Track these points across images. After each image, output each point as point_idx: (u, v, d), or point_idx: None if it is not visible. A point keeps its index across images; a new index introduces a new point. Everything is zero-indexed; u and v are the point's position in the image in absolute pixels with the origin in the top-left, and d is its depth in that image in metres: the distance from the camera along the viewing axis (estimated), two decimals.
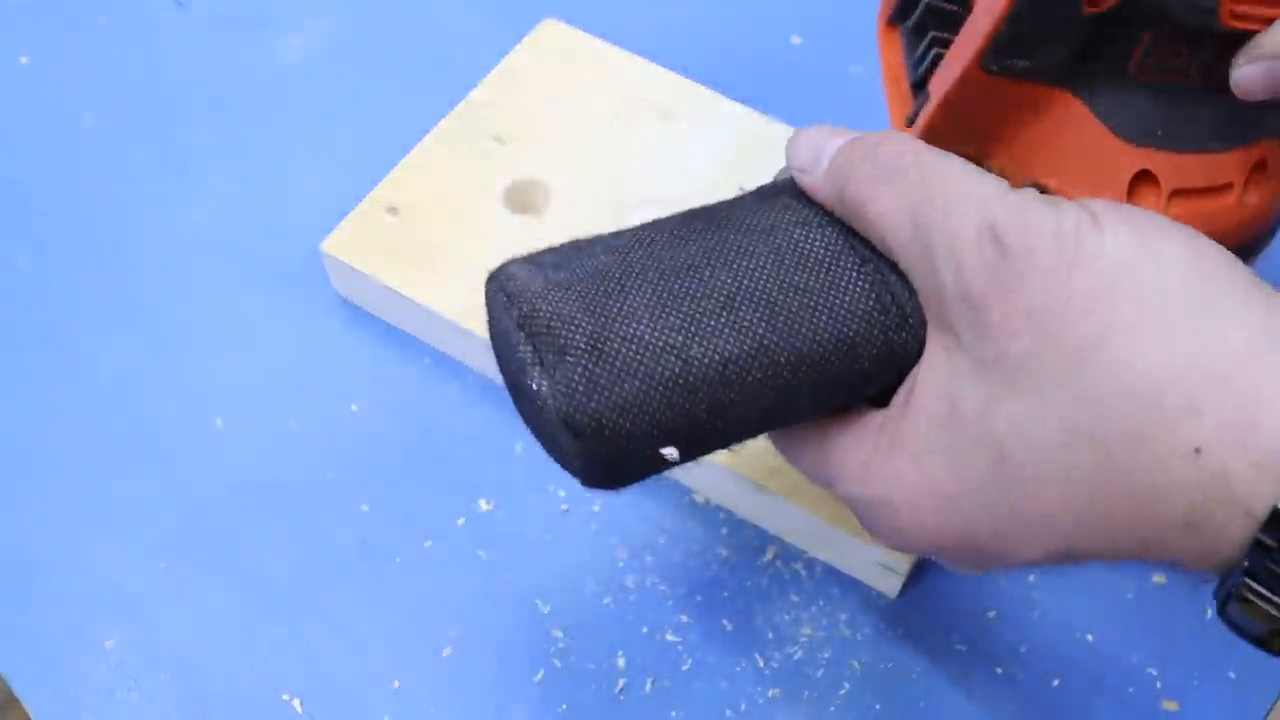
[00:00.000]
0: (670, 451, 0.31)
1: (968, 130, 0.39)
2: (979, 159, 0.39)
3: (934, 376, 0.32)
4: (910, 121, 0.40)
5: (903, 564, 0.46)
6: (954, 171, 0.32)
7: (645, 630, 0.47)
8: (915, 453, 0.32)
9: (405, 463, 0.51)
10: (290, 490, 0.50)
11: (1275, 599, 0.27)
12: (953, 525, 0.32)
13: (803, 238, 0.33)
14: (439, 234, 0.53)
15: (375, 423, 0.52)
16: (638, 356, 0.30)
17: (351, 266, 0.53)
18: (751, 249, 0.32)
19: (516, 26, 0.61)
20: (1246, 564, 0.27)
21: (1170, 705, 0.45)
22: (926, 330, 0.33)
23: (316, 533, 0.49)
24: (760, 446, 0.48)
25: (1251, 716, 0.45)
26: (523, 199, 0.55)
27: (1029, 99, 0.38)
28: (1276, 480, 0.26)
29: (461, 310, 0.51)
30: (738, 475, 0.47)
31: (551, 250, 0.34)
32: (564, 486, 0.50)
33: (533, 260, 0.33)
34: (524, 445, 0.51)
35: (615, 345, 0.30)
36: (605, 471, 0.32)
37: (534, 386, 0.31)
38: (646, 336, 0.30)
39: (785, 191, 0.35)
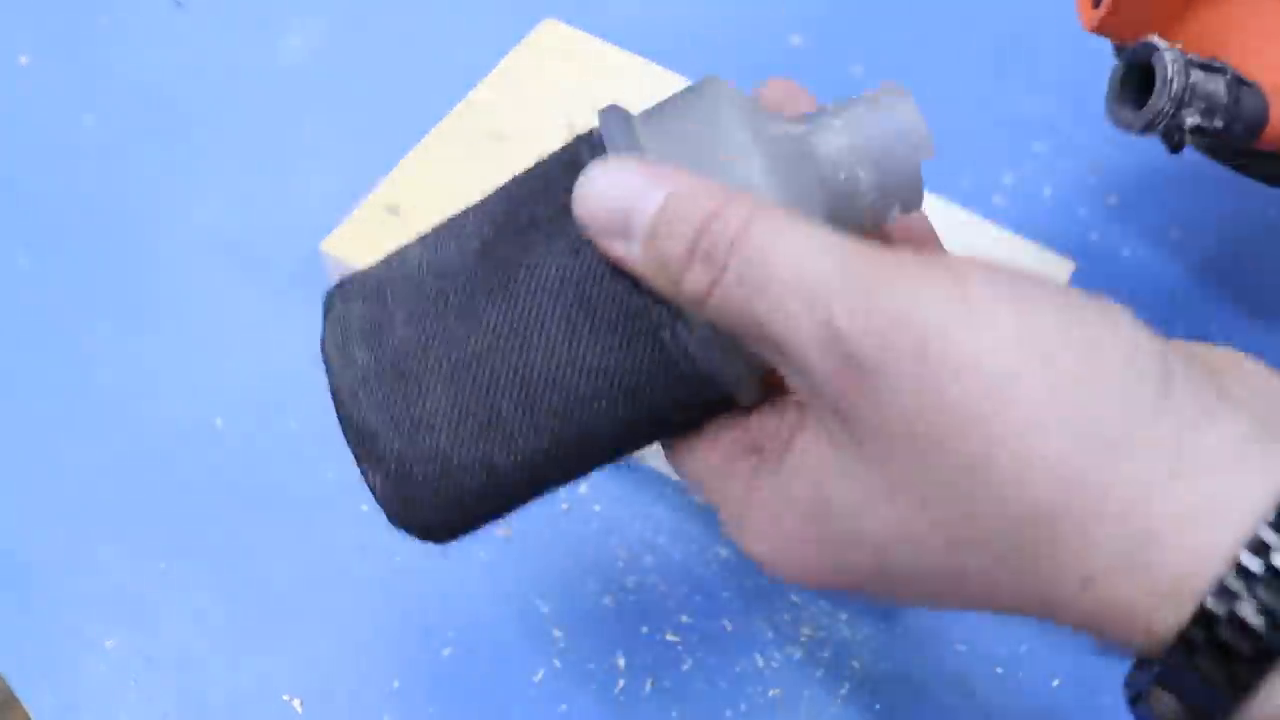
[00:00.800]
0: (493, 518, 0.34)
1: (1154, 6, 0.38)
2: (1164, 37, 0.38)
3: (807, 453, 0.30)
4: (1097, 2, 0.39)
5: None
6: (781, 251, 0.28)
7: (645, 630, 0.47)
8: (786, 528, 0.30)
9: None
10: (290, 490, 0.50)
11: (1180, 703, 0.27)
12: (824, 583, 0.31)
13: (595, 296, 0.31)
14: None
15: None
16: (445, 474, 0.32)
17: (351, 267, 0.53)
18: (542, 320, 0.31)
19: (516, 26, 0.61)
20: (1157, 671, 0.26)
21: None
22: (742, 388, 0.32)
23: (316, 533, 0.49)
24: None
25: None
26: None
27: None
28: (1175, 608, 0.25)
29: None
30: None
31: (359, 297, 0.34)
32: None
33: (341, 324, 0.33)
34: None
35: (422, 465, 0.32)
36: (436, 542, 0.34)
37: (367, 480, 0.33)
38: (449, 451, 0.32)
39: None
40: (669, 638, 0.46)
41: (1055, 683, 0.45)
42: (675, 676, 0.46)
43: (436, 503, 0.32)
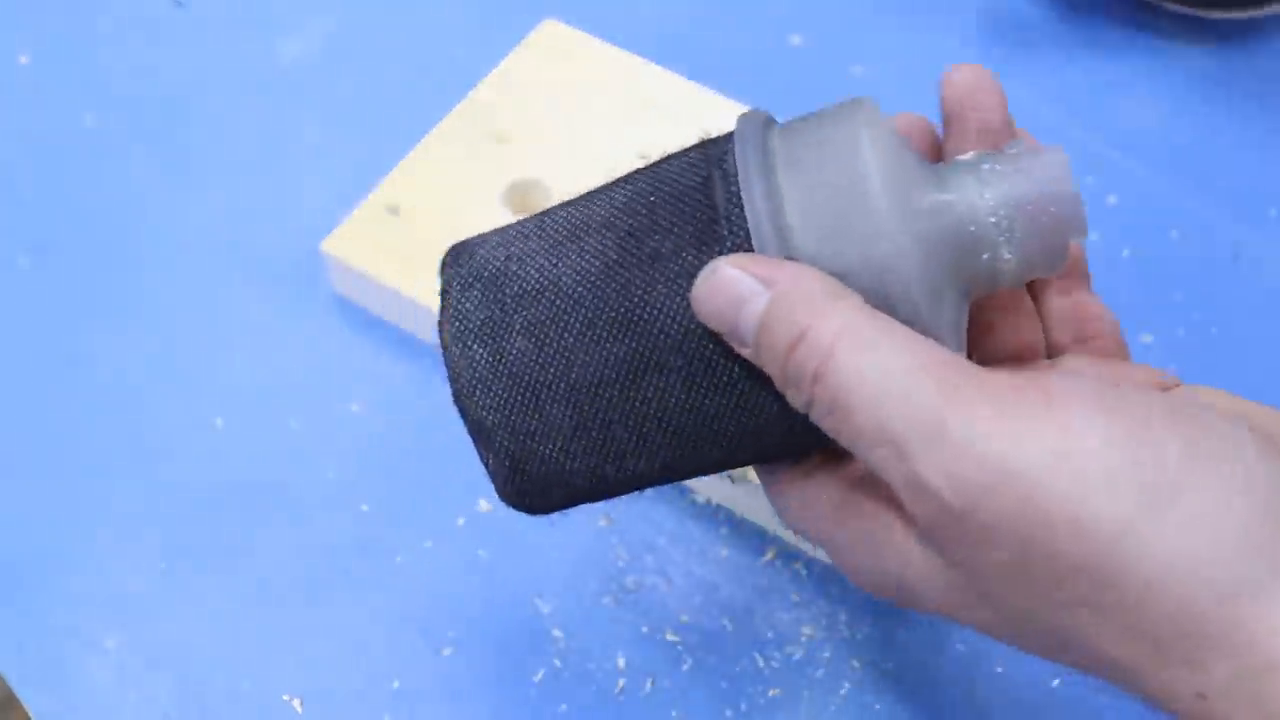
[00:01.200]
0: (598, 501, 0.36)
1: None
2: None
3: (892, 542, 0.30)
4: None
5: None
6: (864, 386, 0.27)
7: (645, 630, 0.47)
8: (878, 582, 0.31)
9: (405, 463, 0.51)
10: (290, 490, 0.50)
11: None
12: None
13: (716, 356, 0.31)
14: (439, 234, 0.53)
15: (375, 423, 0.52)
16: (555, 475, 0.34)
17: (351, 266, 0.53)
18: (663, 368, 0.31)
19: (516, 26, 0.61)
20: None
21: None
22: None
23: (316, 533, 0.49)
24: None
25: None
26: (523, 199, 0.55)
27: None
28: None
29: None
30: (738, 475, 0.47)
31: (476, 285, 0.34)
32: None
33: (459, 315, 0.34)
34: None
35: (534, 466, 0.33)
36: (539, 514, 0.36)
37: (480, 458, 0.35)
38: (561, 460, 0.33)
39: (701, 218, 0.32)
40: (669, 638, 0.46)
41: (1055, 683, 0.45)
42: (675, 676, 0.46)
43: (544, 494, 0.34)
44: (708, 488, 0.49)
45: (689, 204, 0.31)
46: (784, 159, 0.31)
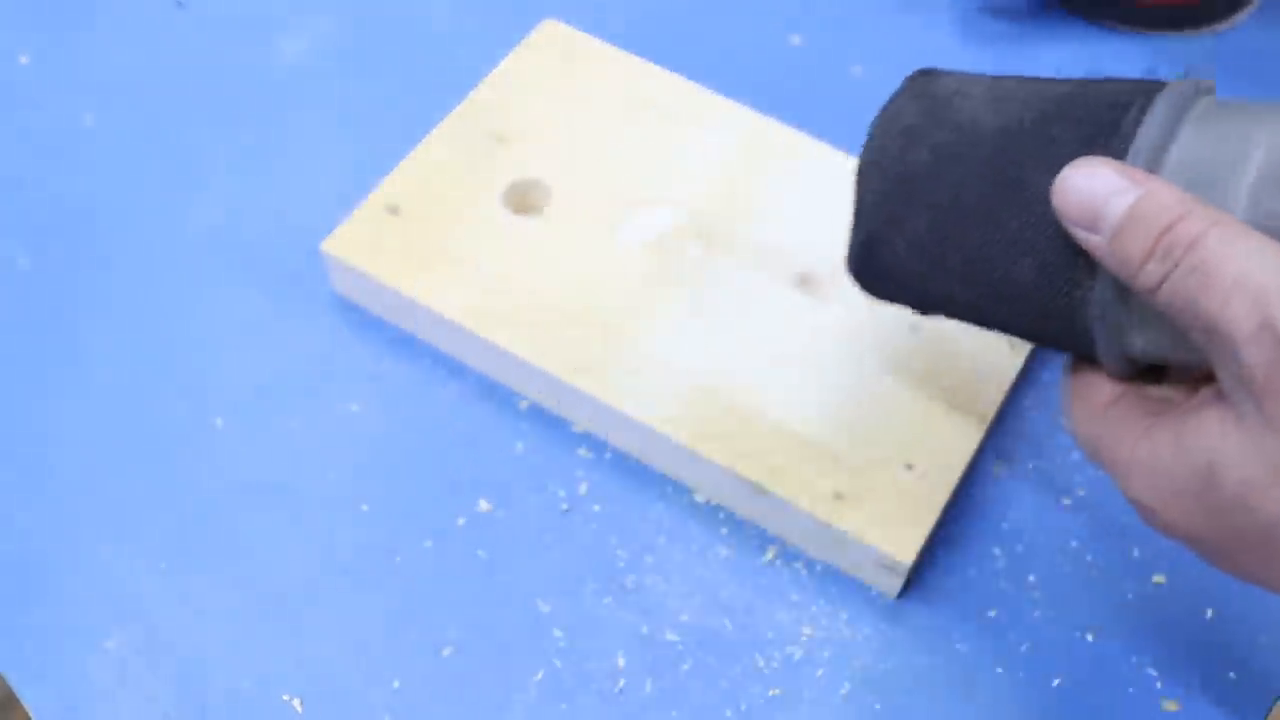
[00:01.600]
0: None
1: None
2: None
3: (1209, 425, 0.32)
4: None
5: (903, 564, 0.46)
6: (1233, 257, 0.31)
7: (645, 630, 0.47)
8: (1176, 486, 0.33)
9: (405, 463, 0.51)
10: (290, 490, 0.50)
11: None
12: (1199, 541, 0.33)
13: (1051, 234, 0.35)
14: (439, 234, 0.53)
15: (375, 423, 0.52)
16: (896, 267, 0.39)
17: (351, 266, 0.53)
18: (1010, 225, 0.36)
19: (516, 26, 0.61)
20: None
21: (1170, 705, 0.45)
22: (1106, 363, 0.35)
23: (316, 533, 0.49)
24: (761, 446, 0.48)
25: (1251, 716, 0.45)
26: (523, 199, 0.55)
27: None
28: None
29: (462, 310, 0.51)
30: (738, 475, 0.47)
31: (926, 97, 0.39)
32: (564, 486, 0.50)
33: (896, 114, 0.39)
34: (524, 445, 0.51)
35: (885, 251, 0.39)
36: (871, 296, 0.42)
37: (851, 232, 0.40)
38: (903, 258, 0.39)
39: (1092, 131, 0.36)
40: (669, 638, 0.46)
41: (1055, 683, 0.45)
42: (675, 676, 0.46)
43: (881, 278, 0.40)
44: (708, 488, 0.49)
45: (1100, 114, 0.35)
46: (1196, 121, 0.34)
